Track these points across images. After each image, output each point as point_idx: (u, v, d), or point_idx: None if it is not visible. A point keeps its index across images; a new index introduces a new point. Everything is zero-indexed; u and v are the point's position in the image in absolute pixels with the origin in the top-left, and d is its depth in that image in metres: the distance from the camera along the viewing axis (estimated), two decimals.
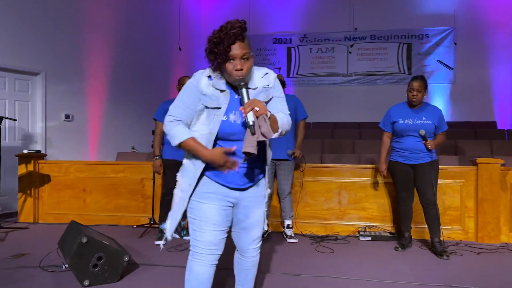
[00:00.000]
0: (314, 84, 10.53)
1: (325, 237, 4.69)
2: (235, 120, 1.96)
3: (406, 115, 4.06)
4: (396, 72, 10.16)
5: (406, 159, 4.08)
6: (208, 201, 1.98)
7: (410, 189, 4.16)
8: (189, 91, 1.99)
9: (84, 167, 5.47)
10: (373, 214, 4.84)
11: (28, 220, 5.48)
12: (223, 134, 1.96)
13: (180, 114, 1.98)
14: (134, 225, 5.24)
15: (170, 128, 1.97)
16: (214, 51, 1.89)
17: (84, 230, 3.34)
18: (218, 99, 1.96)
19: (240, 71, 1.90)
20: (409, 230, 4.25)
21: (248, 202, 2.08)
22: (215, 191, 2.00)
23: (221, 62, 1.90)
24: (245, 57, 1.90)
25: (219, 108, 1.95)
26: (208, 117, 1.96)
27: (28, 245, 4.29)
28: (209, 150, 1.91)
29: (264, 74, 2.06)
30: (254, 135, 1.81)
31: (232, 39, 1.87)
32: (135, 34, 8.66)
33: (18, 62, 6.35)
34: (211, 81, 1.97)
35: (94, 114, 7.73)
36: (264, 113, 1.82)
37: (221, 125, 1.94)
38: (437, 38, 9.91)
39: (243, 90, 1.90)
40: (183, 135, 1.94)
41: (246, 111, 1.80)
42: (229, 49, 1.87)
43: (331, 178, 4.92)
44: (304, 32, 10.58)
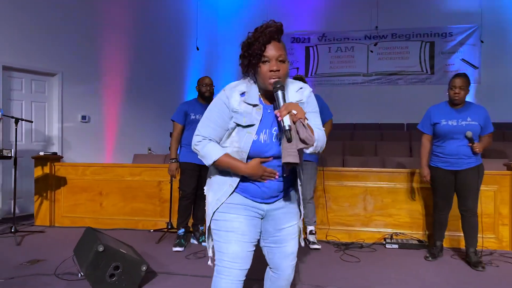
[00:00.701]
0: (333, 84, 10.30)
1: (350, 245, 4.48)
2: (265, 140, 1.81)
3: (449, 115, 3.72)
4: (418, 72, 9.86)
5: (448, 165, 3.76)
6: (234, 211, 1.85)
7: (450, 198, 3.86)
8: (219, 109, 1.85)
9: (101, 169, 5.36)
10: (400, 221, 4.61)
11: (44, 223, 5.39)
12: (253, 153, 1.82)
13: (210, 133, 1.86)
14: (151, 229, 5.11)
15: (201, 148, 1.86)
16: (248, 52, 1.77)
17: (100, 238, 3.21)
18: (251, 115, 1.82)
19: (277, 72, 1.76)
20: (441, 239, 4.00)
21: (279, 214, 1.92)
22: (242, 202, 1.87)
23: (255, 64, 1.77)
24: (281, 59, 1.77)
25: (253, 125, 1.81)
26: (239, 135, 1.83)
27: (44, 250, 4.18)
28: (246, 164, 1.80)
29: (298, 88, 1.92)
30: (291, 143, 1.64)
31: (268, 38, 1.75)
32: (152, 34, 8.56)
33: (35, 63, 6.29)
34: (243, 97, 1.83)
35: (110, 115, 7.65)
36: (302, 118, 1.66)
37: (251, 144, 1.81)
38: (462, 36, 9.58)
39: (278, 92, 1.73)
40: (217, 153, 1.82)
41: (282, 114, 1.65)
42: (264, 49, 1.75)
43: (356, 182, 4.71)
44: (323, 31, 10.35)
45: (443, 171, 3.79)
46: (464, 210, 3.75)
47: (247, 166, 1.79)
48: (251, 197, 1.86)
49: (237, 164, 1.80)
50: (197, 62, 10.11)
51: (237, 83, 1.88)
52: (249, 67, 1.81)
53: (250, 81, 1.87)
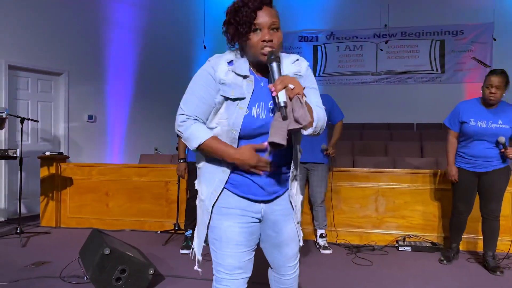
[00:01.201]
0: (341, 83, 10.17)
1: (362, 247, 4.36)
2: (258, 114, 1.58)
3: (480, 115, 3.46)
4: (428, 71, 9.70)
5: (473, 166, 3.55)
6: (227, 218, 1.64)
7: (471, 201, 3.66)
8: (204, 81, 1.61)
9: (107, 170, 5.29)
10: (413, 223, 4.49)
11: (50, 224, 5.33)
12: (245, 131, 1.58)
13: (194, 110, 1.60)
14: (158, 230, 5.03)
15: (184, 129, 1.60)
16: (236, 19, 1.54)
17: (106, 240, 3.12)
18: (241, 87, 1.58)
19: (270, 43, 1.53)
20: (458, 242, 3.87)
21: (277, 216, 1.72)
22: (235, 205, 1.65)
23: (244, 33, 1.53)
24: (274, 27, 1.56)
25: (243, 99, 1.58)
26: (228, 110, 1.58)
27: (49, 252, 4.11)
28: (236, 149, 1.56)
29: (294, 60, 1.69)
30: (285, 121, 1.41)
31: (258, 3, 1.53)
32: (159, 33, 8.48)
33: (41, 63, 6.23)
34: (231, 67, 1.60)
35: (117, 115, 7.59)
36: (300, 93, 1.44)
37: (243, 120, 1.58)
38: (473, 34, 9.41)
39: (273, 64, 1.51)
40: (202, 135, 1.58)
41: (277, 88, 1.43)
42: (255, 15, 1.52)
43: (367, 183, 4.59)
44: (331, 29, 10.22)
45: (467, 173, 3.60)
46: (486, 213, 3.58)
47: (237, 151, 1.55)
48: (246, 195, 1.64)
49: (225, 148, 1.56)
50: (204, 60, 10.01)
51: (222, 54, 1.65)
52: (236, 37, 1.57)
53: (237, 51, 1.65)
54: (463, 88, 9.29)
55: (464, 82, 9.34)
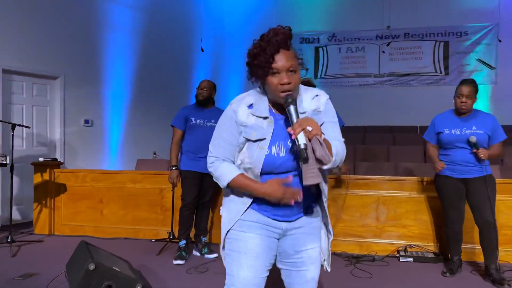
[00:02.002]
0: (343, 86, 10.01)
1: (361, 257, 4.22)
2: (278, 152, 1.65)
3: (453, 124, 3.58)
4: (431, 73, 9.52)
5: (456, 172, 3.57)
6: (248, 230, 1.69)
7: (460, 208, 3.63)
8: (227, 125, 1.72)
9: (101, 176, 5.17)
10: (415, 232, 4.34)
11: (44, 231, 5.22)
12: (266, 169, 1.65)
13: (221, 152, 1.73)
14: (153, 239, 4.90)
15: (214, 170, 1.73)
16: (254, 63, 1.61)
17: (93, 253, 3.00)
18: (262, 128, 1.66)
19: (287, 85, 1.59)
20: (459, 254, 3.72)
21: (298, 234, 1.73)
22: (258, 219, 1.70)
23: (263, 76, 1.62)
24: (292, 70, 1.61)
25: (264, 139, 1.65)
26: (250, 150, 1.67)
27: (39, 263, 3.99)
28: (263, 184, 1.63)
29: (313, 96, 1.75)
30: (309, 163, 1.51)
31: (276, 48, 1.58)
32: (156, 35, 8.36)
33: (36, 66, 6.13)
34: (251, 110, 1.69)
35: (114, 119, 7.48)
36: (318, 134, 1.51)
37: (264, 159, 1.65)
38: (478, 35, 9.21)
39: (291, 107, 1.58)
40: (232, 173, 1.68)
41: (296, 132, 1.51)
42: (272, 60, 1.58)
43: (367, 191, 4.44)
44: (333, 30, 10.06)
45: (451, 179, 3.59)
46: (482, 224, 3.48)
47: (264, 186, 1.62)
48: (269, 215, 1.69)
49: (252, 184, 1.65)
50: (202, 63, 9.91)
51: (244, 95, 1.74)
52: (257, 78, 1.66)
53: (258, 91, 1.73)
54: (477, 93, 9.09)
55: None
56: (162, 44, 8.52)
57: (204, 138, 4.05)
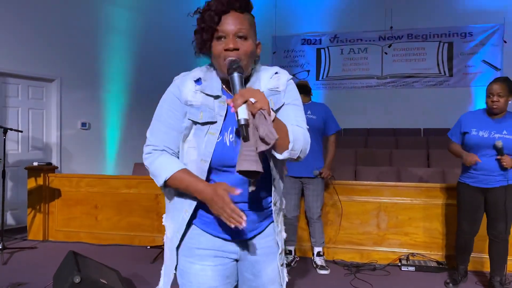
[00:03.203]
0: (345, 87, 9.86)
1: (361, 266, 4.08)
2: (231, 141, 1.37)
3: (482, 125, 3.23)
4: (435, 74, 9.36)
5: (477, 181, 3.28)
6: (198, 261, 1.42)
7: (476, 220, 3.36)
8: (169, 104, 1.43)
9: (95, 181, 5.06)
10: (417, 240, 4.19)
11: (38, 237, 5.11)
12: (217, 161, 1.36)
13: (162, 140, 1.41)
14: (148, 245, 4.79)
15: (150, 163, 1.40)
16: (201, 27, 1.34)
17: (81, 264, 2.89)
18: (212, 110, 1.37)
19: (234, 52, 1.32)
20: (465, 264, 3.56)
21: (256, 256, 1.48)
22: (207, 246, 1.42)
23: (206, 40, 1.33)
24: (241, 35, 1.34)
25: (214, 123, 1.37)
26: (197, 137, 1.38)
27: (30, 271, 3.89)
28: (208, 186, 1.32)
29: (273, 73, 1.46)
30: (248, 143, 1.18)
31: (224, 7, 1.32)
32: (154, 37, 8.25)
33: (32, 68, 6.03)
34: (199, 86, 1.40)
35: (112, 122, 7.37)
36: (263, 108, 1.20)
37: (215, 148, 1.36)
38: (483, 36, 9.04)
39: (234, 75, 1.27)
40: (170, 167, 1.36)
41: (237, 103, 1.19)
42: (218, 20, 1.32)
43: (368, 197, 4.30)
44: (335, 32, 9.92)
45: (471, 189, 3.32)
46: (493, 234, 3.28)
47: (207, 189, 1.31)
48: (218, 233, 1.42)
49: (197, 183, 1.33)
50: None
51: (190, 71, 1.46)
52: (201, 46, 1.37)
53: (208, 67, 1.46)
54: (472, 92, 8.94)
55: (473, 86, 8.98)
56: (160, 46, 8.41)
57: None
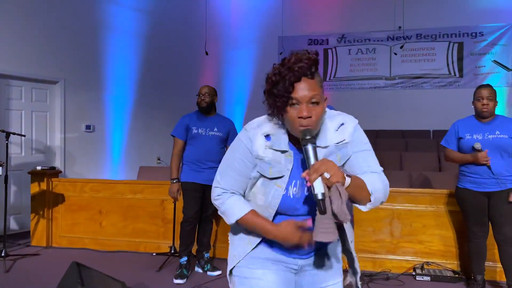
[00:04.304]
0: (353, 88, 9.72)
1: (374, 275, 3.95)
2: (294, 194, 1.45)
3: (475, 129, 3.37)
4: (445, 75, 9.20)
5: (478, 185, 3.32)
6: (260, 266, 1.50)
7: (484, 222, 3.38)
8: (241, 154, 1.50)
9: (100, 186, 4.95)
10: (432, 249, 4.05)
11: (41, 243, 5.01)
12: (280, 210, 1.47)
13: (232, 184, 1.52)
14: (154, 252, 4.67)
15: (221, 203, 1.52)
16: (273, 92, 1.38)
17: (84, 276, 2.77)
18: (279, 164, 1.45)
19: (307, 120, 1.36)
20: (482, 273, 3.44)
21: (316, 270, 1.55)
22: (271, 256, 1.52)
23: (281, 107, 1.38)
24: (314, 101, 1.37)
25: (282, 177, 1.45)
26: (265, 187, 1.47)
27: (32, 280, 3.78)
28: (278, 226, 1.43)
29: (338, 125, 1.49)
30: (325, 215, 1.26)
31: (297, 76, 1.35)
32: (159, 38, 8.13)
33: (35, 70, 5.93)
34: (269, 142, 1.46)
35: (116, 124, 7.26)
36: (338, 181, 1.25)
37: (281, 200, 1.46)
38: (493, 36, 8.86)
39: (308, 146, 1.34)
40: (242, 209, 1.48)
41: (311, 178, 1.25)
42: (292, 89, 1.36)
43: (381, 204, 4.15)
44: (342, 32, 9.77)
45: (473, 193, 3.34)
46: (500, 239, 3.28)
47: (278, 229, 1.43)
48: (281, 252, 1.51)
49: (265, 225, 1.45)
50: (207, 67, 9.66)
51: (260, 122, 1.50)
52: (275, 109, 1.42)
53: (273, 119, 1.49)
54: None
55: None
56: (165, 47, 8.29)
57: (206, 148, 3.83)
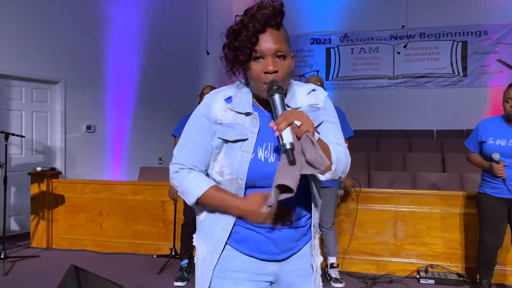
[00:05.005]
0: (356, 88, 9.65)
1: (378, 278, 3.89)
2: (266, 157, 1.31)
3: (500, 133, 3.10)
4: (449, 74, 9.11)
5: (498, 191, 3.13)
6: (233, 285, 1.35)
7: (500, 232, 3.19)
8: (197, 123, 1.36)
9: (100, 187, 4.91)
10: (436, 251, 3.98)
11: (41, 245, 4.97)
12: (252, 178, 1.30)
13: (190, 158, 1.36)
14: (154, 254, 4.62)
15: (179, 181, 1.36)
16: (234, 44, 1.27)
17: (82, 281, 2.72)
18: (243, 127, 1.32)
19: (273, 74, 1.26)
20: (489, 278, 3.36)
21: (292, 278, 1.40)
22: (243, 268, 1.35)
23: (243, 62, 1.27)
24: (280, 54, 1.28)
25: (246, 140, 1.31)
26: (229, 155, 1.31)
27: (32, 283, 3.74)
28: (245, 199, 1.29)
29: (310, 90, 1.41)
30: (293, 166, 1.14)
31: (261, 25, 1.24)
32: (160, 38, 8.09)
33: (36, 70, 5.89)
34: (229, 104, 1.35)
35: (118, 124, 7.22)
36: (309, 130, 1.15)
37: (249, 165, 1.30)
38: (498, 35, 8.78)
39: (275, 96, 1.23)
40: (201, 185, 1.32)
41: (280, 127, 1.14)
42: (256, 40, 1.25)
43: (384, 206, 4.10)
44: (345, 31, 9.70)
45: (493, 199, 3.15)
46: None
47: (244, 202, 1.28)
48: (253, 253, 1.35)
49: (230, 199, 1.30)
50: (208, 67, 9.60)
51: (222, 88, 1.41)
52: (236, 64, 1.31)
53: (239, 84, 1.40)
54: (487, 92, 8.68)
55: (488, 86, 8.73)
56: (166, 47, 8.24)
57: None
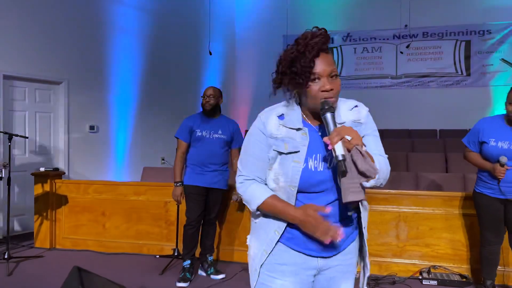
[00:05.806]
0: (358, 87, 9.63)
1: (380, 279, 3.89)
2: (315, 166, 1.49)
3: (502, 135, 3.06)
4: (452, 73, 9.09)
5: (495, 192, 3.15)
6: (280, 276, 1.53)
7: (500, 230, 3.23)
8: (256, 138, 1.56)
9: (103, 187, 4.92)
10: (439, 252, 3.98)
11: (45, 245, 4.99)
12: (303, 185, 1.49)
13: (251, 170, 1.57)
14: (157, 254, 4.64)
15: (244, 191, 1.58)
16: (291, 71, 1.44)
17: (85, 282, 2.73)
18: (294, 140, 1.50)
19: (329, 92, 1.44)
20: (493, 278, 3.36)
21: (334, 273, 1.57)
22: (290, 261, 1.53)
23: (302, 85, 1.44)
24: (333, 74, 1.45)
25: (297, 152, 1.49)
26: (283, 166, 1.50)
27: (35, 283, 3.76)
28: (297, 209, 1.47)
29: (352, 106, 1.58)
30: (349, 176, 1.35)
31: (316, 51, 1.42)
32: (163, 38, 8.10)
33: (39, 71, 5.91)
34: (282, 120, 1.53)
35: (120, 125, 7.25)
36: (358, 144, 1.36)
37: (301, 175, 1.48)
38: (502, 34, 8.74)
39: (327, 115, 1.42)
40: (261, 194, 1.52)
41: (334, 141, 1.35)
42: (313, 64, 1.42)
43: (386, 206, 4.10)
44: (348, 30, 9.68)
45: (490, 199, 3.19)
46: None
47: (297, 211, 1.46)
48: (301, 249, 1.52)
49: (284, 207, 1.48)
50: (211, 67, 9.61)
51: (273, 106, 1.58)
52: (291, 87, 1.49)
53: (289, 102, 1.56)
54: (490, 92, 8.65)
55: (492, 85, 8.70)
56: (169, 47, 8.26)
57: (210, 151, 3.79)
